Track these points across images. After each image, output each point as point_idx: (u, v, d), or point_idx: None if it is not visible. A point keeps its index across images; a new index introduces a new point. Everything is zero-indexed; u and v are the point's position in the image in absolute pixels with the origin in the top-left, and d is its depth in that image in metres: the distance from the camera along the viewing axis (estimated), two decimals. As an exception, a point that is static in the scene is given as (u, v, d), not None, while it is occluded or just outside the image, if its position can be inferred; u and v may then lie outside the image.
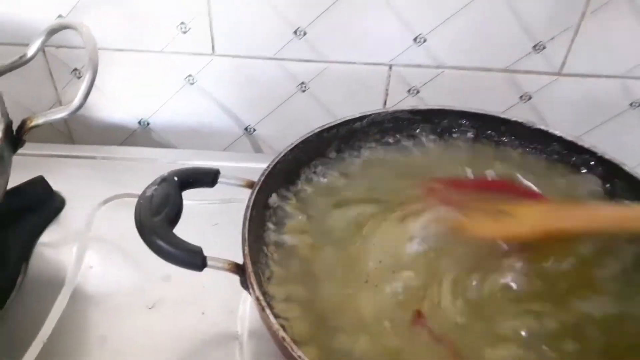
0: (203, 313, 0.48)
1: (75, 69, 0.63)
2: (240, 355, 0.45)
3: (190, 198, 0.55)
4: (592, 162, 0.45)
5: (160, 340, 0.46)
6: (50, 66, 0.63)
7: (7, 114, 0.44)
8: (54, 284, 0.50)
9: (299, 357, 0.29)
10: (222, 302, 0.48)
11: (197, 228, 0.39)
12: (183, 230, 0.38)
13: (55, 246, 0.54)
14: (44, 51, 0.61)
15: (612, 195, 0.45)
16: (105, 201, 0.58)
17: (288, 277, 0.39)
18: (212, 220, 0.55)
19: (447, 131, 0.50)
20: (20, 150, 0.47)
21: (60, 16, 0.58)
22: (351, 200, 0.45)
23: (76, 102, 0.46)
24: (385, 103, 0.65)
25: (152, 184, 0.38)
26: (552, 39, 0.58)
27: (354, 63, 0.61)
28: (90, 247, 0.54)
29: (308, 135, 0.46)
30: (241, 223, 0.38)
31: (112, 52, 0.61)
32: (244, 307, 0.48)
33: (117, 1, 0.58)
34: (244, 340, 0.46)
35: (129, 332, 0.47)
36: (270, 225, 0.42)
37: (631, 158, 0.67)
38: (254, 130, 0.68)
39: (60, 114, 0.46)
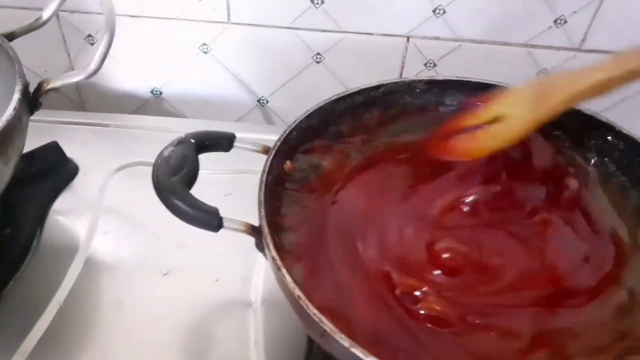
0: (217, 280, 0.48)
1: (89, 35, 0.62)
2: (254, 322, 0.45)
3: (203, 167, 0.56)
4: (609, 137, 0.45)
5: (174, 306, 0.46)
6: (63, 32, 0.62)
7: (24, 75, 0.44)
8: (68, 249, 0.50)
9: (314, 314, 0.29)
10: (236, 270, 0.49)
11: (210, 197, 0.37)
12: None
13: (69, 213, 0.54)
14: (57, 17, 0.61)
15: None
16: (118, 169, 0.58)
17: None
18: (225, 190, 0.55)
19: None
20: (33, 116, 0.46)
21: (75, -20, 0.58)
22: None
23: (92, 65, 0.46)
24: (401, 76, 0.64)
25: (170, 145, 0.38)
26: (574, 13, 0.57)
27: (371, 34, 0.61)
28: (103, 214, 0.54)
29: (324, 103, 0.46)
30: (253, 192, 0.37)
31: (126, 19, 0.60)
32: (258, 276, 0.48)
33: (132, -34, 0.57)
34: (257, 307, 0.46)
35: (144, 297, 0.47)
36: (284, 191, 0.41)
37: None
38: (267, 102, 0.68)
39: (77, 77, 0.46)
